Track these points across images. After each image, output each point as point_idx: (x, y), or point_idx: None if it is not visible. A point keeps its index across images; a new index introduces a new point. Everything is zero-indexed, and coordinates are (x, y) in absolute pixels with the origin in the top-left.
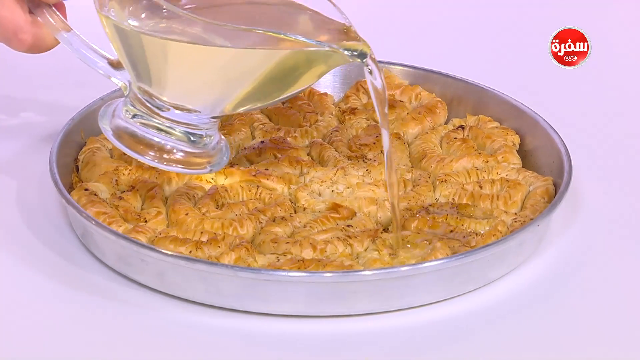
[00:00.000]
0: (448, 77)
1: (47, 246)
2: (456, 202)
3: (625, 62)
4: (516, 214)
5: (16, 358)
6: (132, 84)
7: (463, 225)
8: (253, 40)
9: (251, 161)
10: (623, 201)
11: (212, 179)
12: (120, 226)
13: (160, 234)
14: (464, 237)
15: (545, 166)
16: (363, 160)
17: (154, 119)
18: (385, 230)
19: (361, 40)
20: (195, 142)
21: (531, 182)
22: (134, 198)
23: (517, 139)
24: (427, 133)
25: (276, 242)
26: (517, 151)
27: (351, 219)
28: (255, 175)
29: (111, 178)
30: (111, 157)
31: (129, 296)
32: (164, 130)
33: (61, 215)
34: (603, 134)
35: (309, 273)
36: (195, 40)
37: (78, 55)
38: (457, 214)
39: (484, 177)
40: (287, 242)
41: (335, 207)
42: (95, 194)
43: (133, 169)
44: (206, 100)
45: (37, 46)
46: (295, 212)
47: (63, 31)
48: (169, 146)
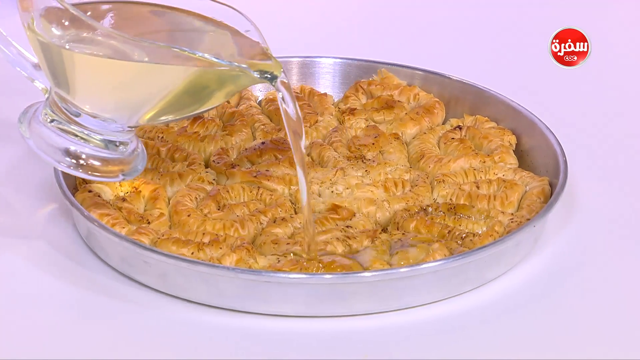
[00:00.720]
0: (446, 78)
1: (52, 247)
2: (454, 203)
3: (625, 62)
4: (513, 214)
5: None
6: (52, 89)
7: (461, 225)
8: (165, 56)
9: (252, 162)
10: (619, 201)
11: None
12: (123, 228)
13: (162, 236)
14: (462, 238)
15: (541, 166)
16: (362, 160)
17: (71, 125)
18: (384, 230)
19: (274, 62)
20: (110, 150)
21: (527, 182)
22: (137, 200)
23: (514, 139)
24: (425, 133)
25: (277, 243)
26: (514, 151)
27: (350, 220)
28: (256, 176)
29: None
30: None
31: (133, 296)
32: (80, 136)
33: (66, 216)
34: (602, 134)
35: (309, 275)
36: (112, 53)
37: (2, 54)
38: (455, 215)
39: (481, 178)
40: (288, 243)
41: (334, 208)
42: (99, 196)
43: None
44: (119, 111)
45: None
46: (295, 213)
47: None
48: (84, 153)
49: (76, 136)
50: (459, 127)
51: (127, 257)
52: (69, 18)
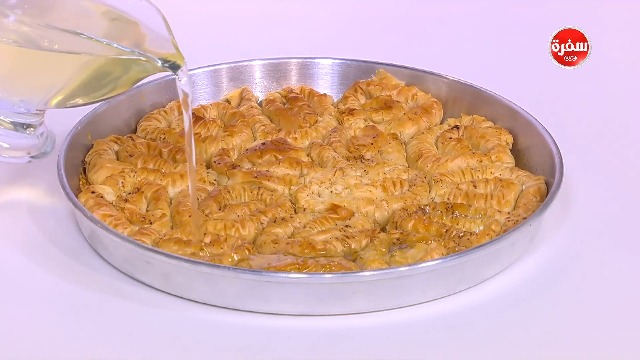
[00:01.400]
0: (443, 78)
1: (56, 247)
2: (451, 202)
3: (625, 62)
4: (509, 213)
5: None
6: None
7: (458, 224)
8: (72, 44)
9: (253, 162)
10: (614, 200)
11: (215, 181)
12: (126, 228)
13: (164, 236)
14: (459, 237)
15: (537, 165)
16: (361, 160)
17: None
18: (382, 230)
19: (177, 52)
20: (19, 132)
21: (524, 181)
22: (140, 200)
23: (510, 139)
24: (423, 133)
25: (277, 243)
26: (510, 150)
27: (349, 219)
28: (256, 176)
29: (117, 180)
30: (117, 160)
31: (135, 296)
32: None
33: (69, 216)
34: (598, 134)
35: (309, 274)
36: (19, 40)
37: None
38: (452, 214)
39: (478, 177)
40: (287, 243)
41: (334, 208)
42: (101, 197)
43: (139, 172)
44: (26, 95)
45: None
46: (295, 213)
47: None
48: None
49: None
50: (457, 127)
51: (130, 258)
52: None
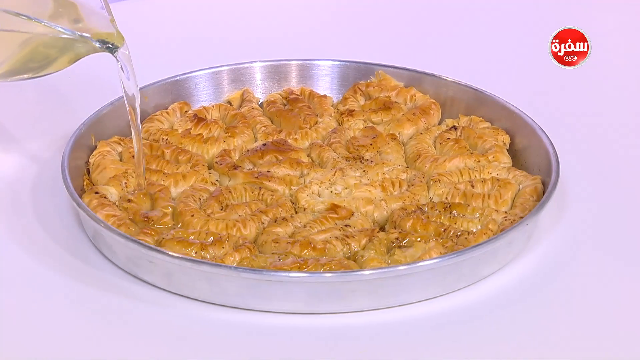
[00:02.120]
0: (441, 79)
1: (61, 247)
2: (449, 202)
3: (625, 62)
4: (506, 213)
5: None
6: None
7: (456, 224)
8: (8, 22)
9: (254, 163)
10: (610, 199)
11: (217, 181)
12: (129, 228)
13: (167, 236)
14: (457, 236)
15: (534, 165)
16: (360, 161)
17: None
18: (381, 229)
19: (117, 33)
20: None
21: (521, 181)
22: (142, 200)
23: (508, 139)
24: (422, 134)
25: (277, 242)
26: (508, 150)
27: (349, 219)
28: (257, 177)
29: (120, 181)
30: (120, 161)
31: (139, 294)
32: None
33: (73, 216)
34: (597, 134)
35: (310, 273)
36: None
37: None
38: (450, 214)
39: (476, 177)
40: (288, 242)
41: (333, 208)
42: (105, 197)
43: None
44: None
45: None
46: (295, 213)
47: None
48: None
49: None
50: (455, 128)
51: (133, 257)
52: None
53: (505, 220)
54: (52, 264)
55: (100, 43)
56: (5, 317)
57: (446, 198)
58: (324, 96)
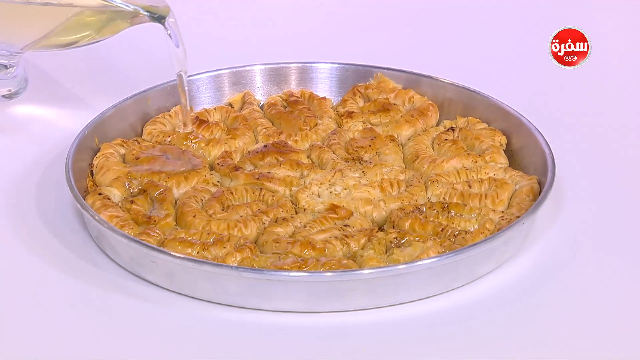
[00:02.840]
0: (439, 81)
1: (65, 247)
2: (447, 202)
3: (625, 62)
4: (503, 212)
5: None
6: None
7: (453, 223)
8: None
9: (255, 164)
10: (605, 199)
11: (219, 182)
12: (131, 229)
13: (169, 236)
14: (455, 235)
15: (530, 165)
16: (359, 162)
17: None
18: (380, 229)
19: (164, 4)
20: None
21: (517, 181)
22: (145, 201)
23: (504, 140)
24: (420, 135)
25: (278, 242)
26: (504, 151)
27: (348, 219)
28: (258, 178)
29: (123, 182)
30: (124, 162)
31: (142, 294)
32: None
33: (77, 217)
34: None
35: (309, 273)
36: None
37: None
38: (448, 213)
39: (473, 177)
40: (288, 242)
41: (333, 208)
42: (108, 198)
43: (144, 174)
44: (8, 38)
45: None
46: (296, 213)
47: None
48: None
49: None
50: (452, 129)
51: (136, 257)
52: None
53: (502, 219)
54: (56, 264)
55: (149, 14)
56: (10, 316)
57: (444, 198)
58: (324, 98)
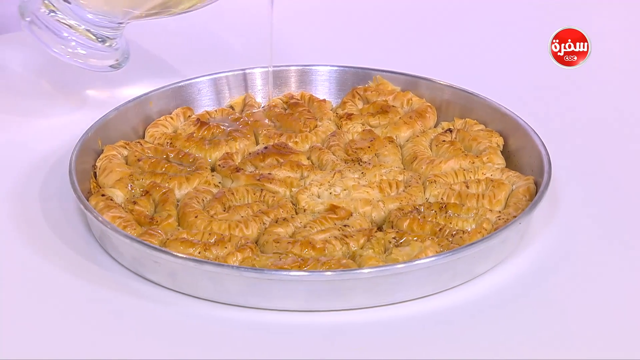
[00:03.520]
0: (437, 83)
1: (69, 247)
2: (445, 202)
3: (625, 62)
4: (500, 212)
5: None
6: None
7: (451, 223)
8: None
9: (255, 165)
10: (600, 199)
11: (220, 183)
12: (134, 229)
13: (171, 236)
14: (452, 235)
15: (527, 166)
16: (358, 163)
17: (68, 18)
18: (379, 229)
19: None
20: (101, 44)
21: (514, 182)
22: (147, 202)
23: (501, 141)
24: (418, 136)
25: (278, 242)
26: (501, 152)
27: (348, 219)
28: (259, 179)
29: (126, 183)
30: (126, 164)
31: (144, 293)
32: (76, 29)
33: (81, 218)
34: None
35: (309, 272)
36: None
37: None
38: (446, 213)
39: (471, 177)
40: (289, 242)
41: (333, 208)
42: (111, 199)
43: (147, 175)
44: (115, 9)
45: None
46: (296, 213)
47: None
48: (76, 43)
49: (71, 28)
50: (450, 130)
51: (139, 257)
52: None
53: (499, 219)
54: (60, 264)
55: None
56: (14, 315)
57: (442, 198)
58: (324, 100)
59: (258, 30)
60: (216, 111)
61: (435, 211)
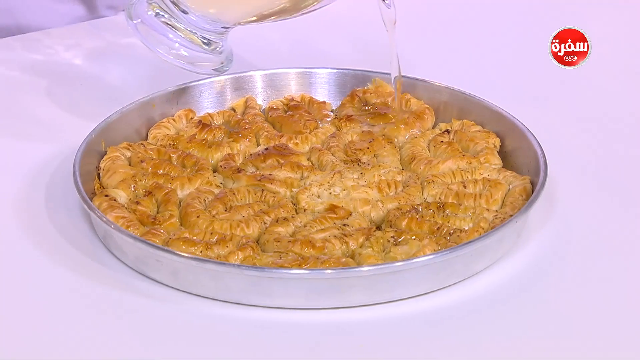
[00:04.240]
0: (434, 85)
1: (73, 247)
2: (442, 201)
3: (625, 62)
4: (497, 211)
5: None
6: None
7: (449, 222)
8: None
9: (256, 166)
10: (595, 198)
11: (221, 184)
12: (137, 229)
13: (173, 236)
14: (450, 234)
15: (523, 166)
16: (358, 164)
17: (174, 20)
18: (378, 228)
19: None
20: (205, 47)
21: (510, 181)
22: (150, 203)
23: (498, 141)
24: (416, 137)
25: (279, 241)
26: (498, 152)
27: (347, 219)
28: (260, 179)
29: (129, 184)
30: (129, 165)
31: (147, 292)
32: (181, 31)
33: (84, 218)
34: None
35: (309, 270)
36: None
37: None
38: (443, 213)
39: (468, 178)
40: (289, 241)
41: (332, 208)
42: (114, 200)
43: (149, 176)
44: (225, 15)
45: None
46: (296, 213)
47: None
48: (182, 45)
49: (177, 30)
50: (447, 131)
51: (141, 256)
52: None
53: (495, 218)
54: (65, 264)
55: None
56: (18, 314)
57: (439, 198)
58: (323, 103)
59: (259, 33)
60: (218, 113)
61: (433, 211)
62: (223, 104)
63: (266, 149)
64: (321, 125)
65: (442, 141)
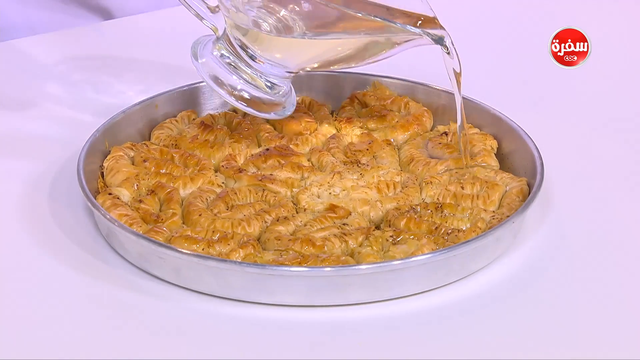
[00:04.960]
0: (433, 89)
1: (77, 244)
2: (440, 202)
3: (625, 63)
4: (494, 212)
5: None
6: (228, 30)
7: (447, 222)
8: (356, 25)
9: (257, 167)
10: (591, 199)
11: (223, 183)
12: (140, 227)
13: (176, 234)
14: (448, 234)
15: (520, 168)
16: (357, 165)
17: (240, 64)
18: (377, 228)
19: (441, 28)
20: (270, 90)
21: (507, 183)
22: (153, 201)
23: (495, 144)
24: (415, 139)
25: (279, 240)
26: (495, 154)
27: (347, 218)
28: (261, 179)
29: (133, 183)
30: (132, 164)
31: (149, 289)
32: (246, 75)
33: (88, 216)
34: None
35: (310, 268)
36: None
37: None
38: (441, 213)
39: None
40: (290, 240)
41: (332, 208)
42: (118, 198)
43: (152, 175)
44: (292, 63)
45: None
46: (296, 213)
47: None
48: (245, 89)
49: (240, 72)
50: (445, 133)
51: (144, 254)
52: None
53: (493, 218)
54: (69, 261)
55: (431, 37)
56: (22, 312)
57: (437, 199)
58: (323, 105)
59: None
60: (220, 114)
61: (431, 211)
62: (225, 105)
63: (267, 150)
64: (320, 127)
65: (440, 143)
